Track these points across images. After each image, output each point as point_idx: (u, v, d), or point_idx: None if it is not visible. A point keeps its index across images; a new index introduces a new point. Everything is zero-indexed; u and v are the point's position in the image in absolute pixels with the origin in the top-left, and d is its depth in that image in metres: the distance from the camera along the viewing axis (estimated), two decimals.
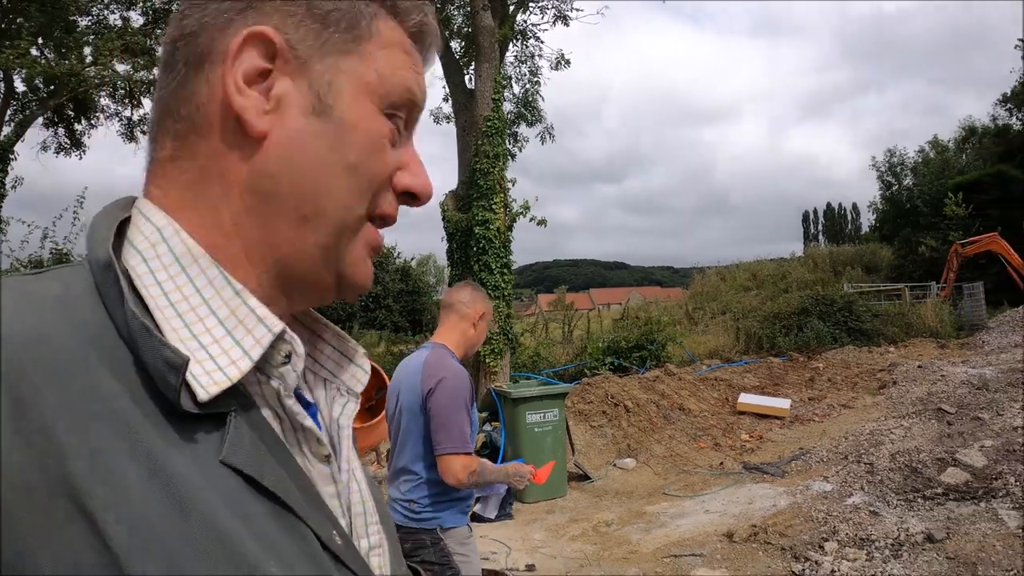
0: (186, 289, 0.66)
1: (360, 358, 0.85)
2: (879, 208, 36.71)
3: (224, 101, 0.69)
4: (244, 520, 0.58)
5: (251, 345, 0.65)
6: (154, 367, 0.58)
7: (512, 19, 14.54)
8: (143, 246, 0.67)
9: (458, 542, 3.34)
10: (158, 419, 0.58)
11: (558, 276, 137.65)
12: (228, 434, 0.61)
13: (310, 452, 0.72)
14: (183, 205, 0.70)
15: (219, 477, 0.59)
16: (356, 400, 0.83)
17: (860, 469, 8.06)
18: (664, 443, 10.59)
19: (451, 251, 13.58)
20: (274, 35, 0.69)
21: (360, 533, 0.78)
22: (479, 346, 3.58)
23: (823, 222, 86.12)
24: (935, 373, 12.81)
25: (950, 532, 5.99)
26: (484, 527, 7.68)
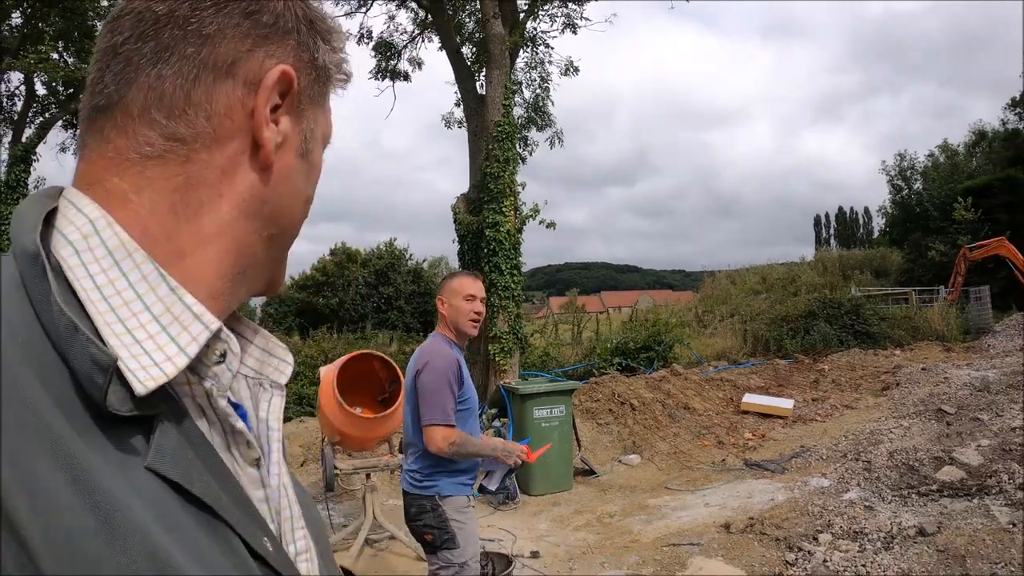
0: (119, 283, 0.64)
1: (282, 351, 0.85)
2: (889, 212, 36.60)
3: (241, 123, 0.72)
4: (171, 530, 0.57)
5: (187, 342, 0.65)
6: (80, 367, 0.57)
7: (522, 27, 14.71)
8: (75, 237, 0.65)
9: (455, 510, 3.76)
10: (84, 424, 0.56)
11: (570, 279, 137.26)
12: (155, 439, 0.60)
13: (239, 455, 0.72)
14: (157, 204, 0.69)
15: (146, 484, 0.57)
16: (282, 394, 0.83)
17: (858, 466, 8.21)
18: (668, 440, 10.79)
19: (462, 253, 13.79)
20: (295, 78, 0.74)
21: (288, 539, 0.77)
22: (463, 321, 3.87)
23: (835, 226, 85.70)
24: (938, 375, 12.94)
25: (942, 526, 6.11)
26: (492, 517, 7.92)
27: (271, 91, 0.72)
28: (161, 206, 0.68)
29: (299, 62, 0.76)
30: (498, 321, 12.81)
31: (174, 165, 0.69)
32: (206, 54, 0.70)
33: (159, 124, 0.69)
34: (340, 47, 0.83)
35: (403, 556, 6.79)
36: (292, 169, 0.77)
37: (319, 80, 0.79)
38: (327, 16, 0.81)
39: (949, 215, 28.55)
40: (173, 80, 0.69)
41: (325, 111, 0.82)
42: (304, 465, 9.92)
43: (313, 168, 0.81)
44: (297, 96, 0.75)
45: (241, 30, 0.71)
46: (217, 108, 0.70)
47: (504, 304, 12.88)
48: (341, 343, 18.41)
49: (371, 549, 6.99)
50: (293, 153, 0.77)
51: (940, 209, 30.07)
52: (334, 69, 0.82)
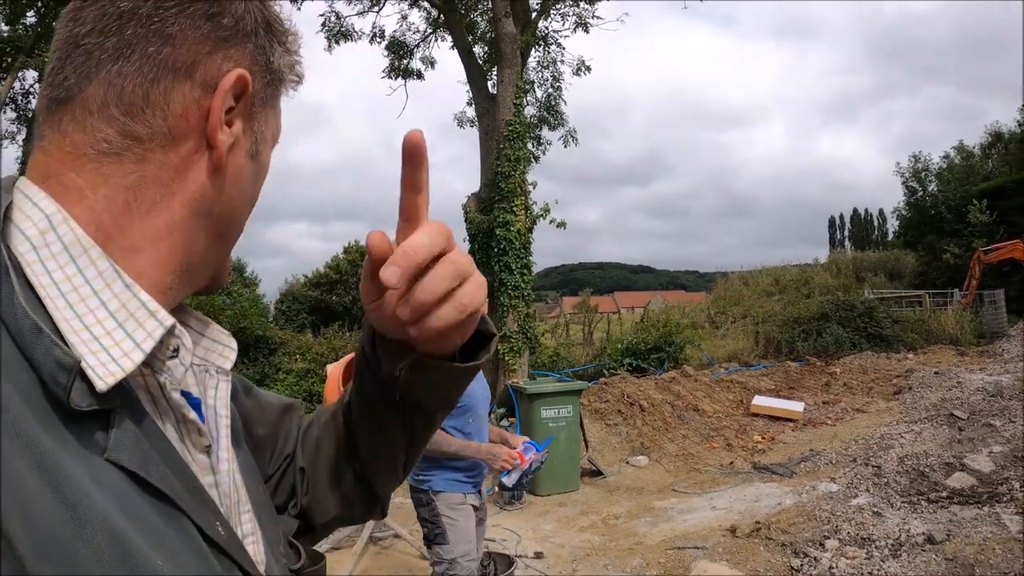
0: (76, 280, 0.65)
1: (225, 338, 0.86)
2: (903, 214, 36.29)
3: (196, 124, 0.72)
4: (133, 518, 0.59)
5: (143, 338, 0.66)
6: (44, 366, 0.58)
7: (534, 26, 14.69)
8: (31, 233, 0.66)
9: (449, 506, 3.82)
10: (46, 418, 0.57)
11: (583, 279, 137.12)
12: (113, 432, 0.62)
13: (191, 443, 0.74)
14: (111, 201, 0.70)
15: (106, 475, 0.59)
16: (227, 379, 0.84)
17: (867, 471, 8.15)
18: (677, 442, 10.74)
19: (472, 252, 13.75)
20: (250, 82, 0.75)
21: (235, 522, 0.79)
22: None
23: (849, 227, 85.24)
24: (951, 379, 12.85)
25: (951, 534, 6.06)
26: (498, 516, 7.90)
27: (227, 94, 0.73)
28: (116, 203, 0.69)
29: (255, 66, 0.77)
30: (508, 320, 12.79)
31: (130, 163, 0.70)
32: (167, 54, 0.71)
33: (117, 121, 0.70)
34: (294, 49, 0.84)
35: (407, 555, 6.78)
36: (242, 170, 0.78)
37: (272, 83, 0.81)
38: (284, 19, 0.83)
39: (964, 217, 28.30)
40: (133, 78, 0.70)
41: (276, 112, 0.84)
42: None
43: (262, 168, 0.83)
44: (251, 99, 0.77)
45: (202, 32, 0.72)
46: (174, 109, 0.71)
47: (514, 304, 12.85)
48: (352, 340, 18.41)
49: (375, 547, 6.98)
50: (244, 154, 0.78)
51: (955, 211, 29.82)
52: (287, 71, 0.83)
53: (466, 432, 3.87)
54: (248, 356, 13.85)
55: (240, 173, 0.78)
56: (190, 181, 0.73)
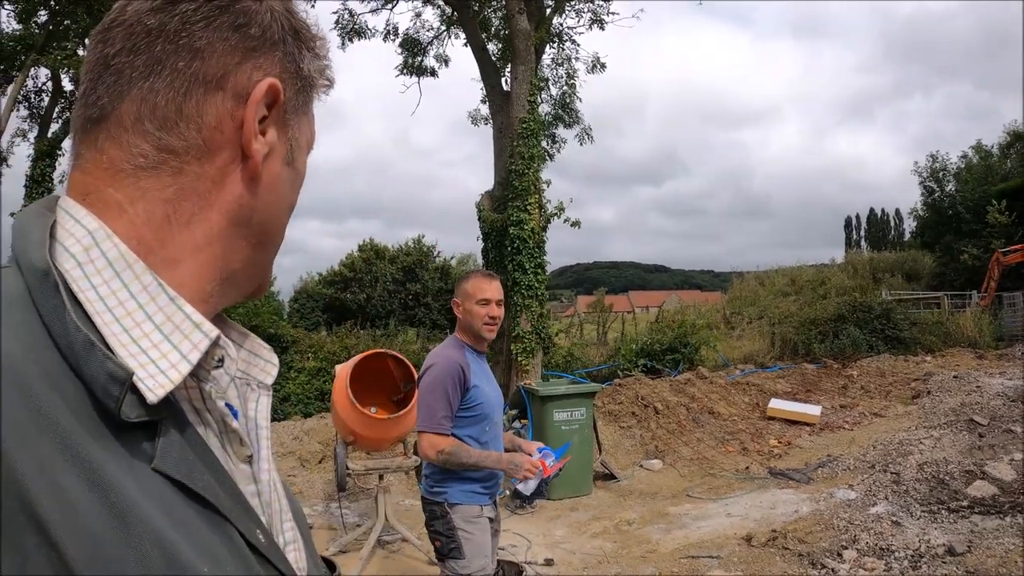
0: (121, 294, 0.67)
1: (267, 353, 0.88)
2: (920, 215, 35.89)
3: (230, 135, 0.73)
4: (179, 525, 0.60)
5: (189, 349, 0.68)
6: (96, 379, 0.60)
7: (548, 22, 14.58)
8: (76, 250, 0.67)
9: (464, 519, 3.62)
10: (95, 430, 0.59)
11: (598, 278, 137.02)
12: (159, 442, 0.63)
13: (233, 453, 0.75)
14: (151, 215, 0.71)
15: (153, 484, 0.61)
16: (268, 394, 0.86)
17: (886, 478, 8.02)
18: (692, 446, 10.61)
19: (486, 251, 13.69)
20: (282, 91, 0.76)
21: (277, 530, 0.81)
22: (478, 324, 3.72)
23: (866, 228, 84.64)
24: (970, 384, 12.66)
25: (972, 546, 5.94)
26: (508, 521, 7.78)
27: (259, 104, 0.74)
28: (155, 216, 0.71)
29: (285, 73, 0.78)
30: (521, 320, 12.68)
31: (167, 176, 0.72)
32: (196, 67, 0.72)
33: (152, 136, 0.71)
34: (324, 54, 0.85)
35: (415, 559, 6.69)
36: (279, 178, 0.79)
37: (304, 89, 0.82)
38: (311, 24, 0.84)
39: (982, 218, 27.91)
40: (165, 93, 0.71)
41: (309, 118, 0.85)
42: (323, 462, 9.86)
43: (298, 175, 0.84)
44: (283, 107, 0.78)
45: (230, 44, 0.73)
46: (208, 121, 0.72)
47: (527, 303, 12.74)
48: (364, 339, 18.37)
49: (383, 551, 6.90)
50: (280, 162, 0.79)
51: (973, 212, 29.45)
52: (318, 76, 0.84)
53: (482, 441, 3.68)
54: None
55: (277, 181, 0.79)
56: (227, 191, 0.74)
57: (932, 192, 33.96)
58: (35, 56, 16.14)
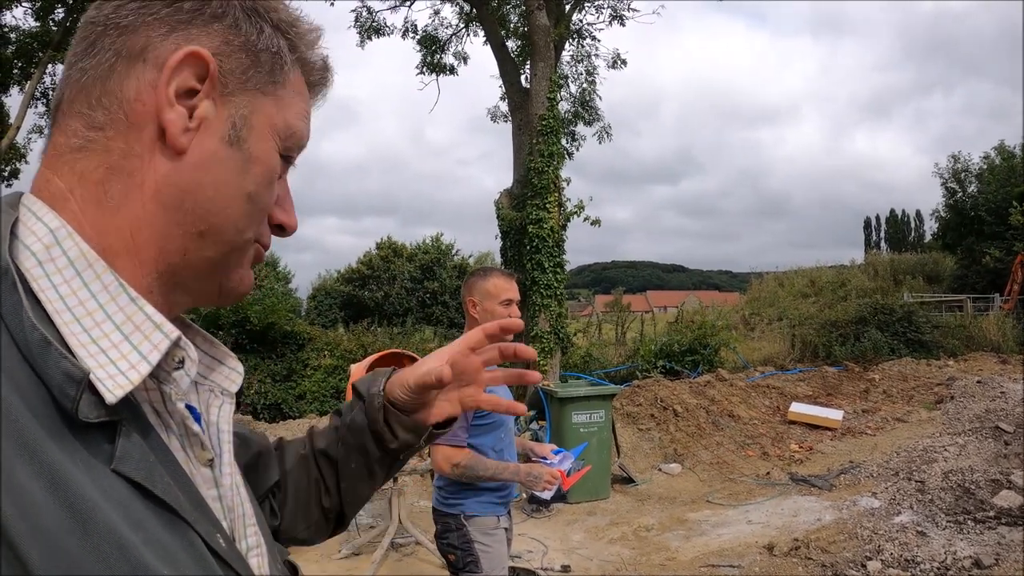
0: (81, 294, 0.66)
1: (231, 360, 0.87)
2: (942, 216, 35.48)
3: (152, 107, 0.71)
4: (138, 527, 0.60)
5: (149, 350, 0.67)
6: (54, 379, 0.59)
7: (568, 18, 14.49)
8: (37, 248, 0.67)
9: (481, 531, 3.46)
10: (54, 429, 0.58)
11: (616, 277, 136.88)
12: (119, 443, 0.63)
13: (194, 456, 0.75)
14: (86, 200, 0.70)
15: (112, 486, 0.60)
16: (231, 401, 0.85)
17: (910, 487, 7.86)
18: (711, 450, 10.47)
19: (505, 249, 13.58)
20: (211, 60, 0.73)
21: (240, 535, 0.80)
22: None
23: (885, 229, 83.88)
24: (995, 389, 12.45)
25: (999, 558, 5.80)
26: (524, 525, 7.71)
27: (173, 71, 0.71)
28: (90, 201, 0.70)
29: (227, 46, 0.75)
30: (539, 320, 12.57)
31: (96, 155, 0.71)
32: (121, 43, 0.72)
33: (83, 115, 0.71)
34: (308, 40, 0.84)
35: (429, 562, 6.60)
36: (214, 157, 0.75)
37: (258, 65, 0.78)
38: (290, 9, 0.82)
39: (1005, 220, 27.54)
40: (93, 71, 0.72)
41: (277, 100, 0.80)
42: None
43: (253, 160, 0.78)
44: (221, 80, 0.74)
45: (158, 18, 0.72)
46: (127, 94, 0.71)
47: (546, 303, 12.63)
48: (381, 337, 18.32)
49: (396, 554, 6.82)
50: (216, 140, 0.75)
51: (995, 214, 29.10)
52: (289, 57, 0.81)
53: (498, 449, 3.52)
54: (276, 352, 13.77)
55: (211, 160, 0.74)
56: (154, 169, 0.72)
57: (954, 193, 33.61)
58: (52, 53, 16.22)
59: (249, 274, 0.83)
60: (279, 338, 13.96)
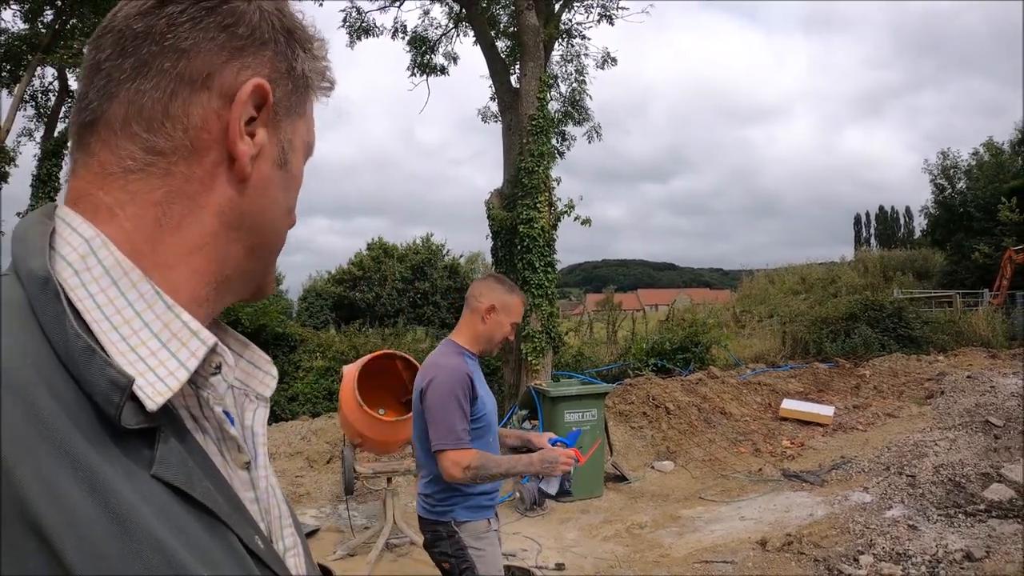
0: (119, 303, 0.67)
1: (267, 365, 0.88)
2: (931, 213, 35.62)
3: (217, 135, 0.73)
4: (178, 531, 0.60)
5: (187, 357, 0.68)
6: (98, 386, 0.60)
7: (557, 18, 14.46)
8: (73, 258, 0.68)
9: (474, 536, 3.37)
10: (93, 437, 0.59)
11: (607, 276, 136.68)
12: (158, 449, 0.63)
13: (231, 460, 0.76)
14: (141, 219, 0.71)
15: (152, 491, 0.60)
16: (266, 405, 0.86)
17: (901, 481, 7.92)
18: (704, 447, 10.51)
19: (496, 249, 13.58)
20: (270, 91, 0.75)
21: (277, 536, 0.82)
22: (498, 339, 3.50)
23: (875, 225, 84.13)
24: (984, 384, 12.51)
25: (990, 551, 5.86)
26: (518, 524, 7.73)
27: (245, 104, 0.73)
28: (145, 219, 0.71)
29: (276, 73, 0.77)
30: (531, 320, 12.58)
31: (155, 178, 0.71)
32: (182, 67, 0.72)
33: (140, 138, 0.71)
34: (322, 55, 0.84)
35: (423, 562, 6.59)
36: (270, 180, 0.78)
37: (297, 90, 0.80)
38: (307, 26, 0.83)
39: (994, 216, 27.68)
40: (151, 94, 0.71)
41: (306, 119, 0.84)
42: (330, 463, 9.80)
43: (293, 179, 0.82)
44: (273, 107, 0.77)
45: (216, 43, 0.73)
46: (193, 121, 0.72)
47: (538, 302, 12.63)
48: (373, 338, 18.31)
49: (391, 554, 6.83)
50: (270, 164, 0.78)
51: (984, 210, 29.25)
52: (315, 77, 0.83)
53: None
54: (267, 354, 13.74)
55: (268, 184, 0.78)
56: (217, 193, 0.74)
57: (943, 190, 33.74)
58: (41, 55, 16.16)
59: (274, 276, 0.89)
60: (270, 340, 13.96)
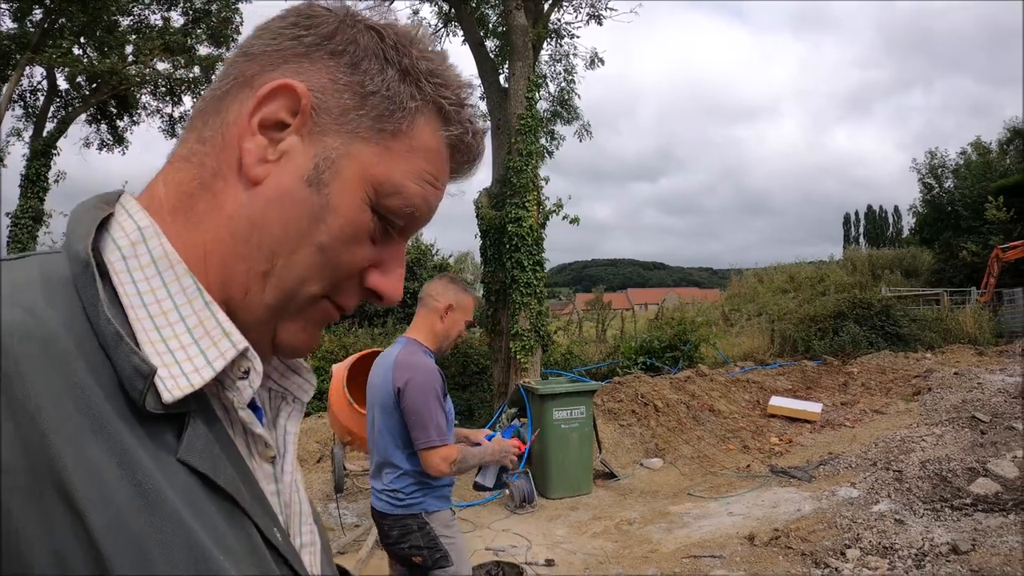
0: (159, 293, 0.68)
1: (307, 372, 0.86)
2: (919, 211, 35.82)
3: (240, 133, 0.72)
4: (198, 515, 0.61)
5: (215, 356, 0.67)
6: (124, 371, 0.61)
7: (546, 18, 14.49)
8: (123, 243, 0.69)
9: (443, 524, 3.50)
10: (124, 415, 0.60)
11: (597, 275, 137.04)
12: (186, 434, 0.64)
13: (257, 453, 0.75)
14: (176, 210, 0.72)
15: (175, 474, 0.61)
16: (302, 408, 0.86)
17: (888, 476, 7.97)
18: (692, 444, 10.56)
19: (484, 248, 13.61)
20: (304, 94, 0.72)
21: (295, 531, 0.81)
22: (453, 337, 3.65)
23: (864, 224, 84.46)
24: (971, 380, 12.61)
25: (976, 544, 5.90)
26: (508, 521, 7.76)
27: (261, 101, 0.72)
28: (179, 211, 0.72)
29: (333, 84, 0.73)
30: (519, 318, 12.61)
31: (193, 168, 0.73)
32: (242, 69, 0.74)
33: (197, 130, 0.74)
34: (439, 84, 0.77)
35: None
36: (290, 195, 0.72)
37: (364, 107, 0.74)
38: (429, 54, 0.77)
39: (981, 214, 27.85)
40: (215, 91, 0.75)
41: (383, 150, 0.74)
42: (320, 462, 9.80)
43: (330, 209, 0.72)
44: (314, 117, 0.73)
45: (278, 49, 0.74)
46: (227, 116, 0.73)
47: (526, 301, 12.66)
48: (363, 337, 18.30)
49: (381, 551, 6.83)
50: (295, 177, 0.72)
51: (971, 208, 29.43)
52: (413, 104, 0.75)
53: None
54: None
55: (284, 197, 0.72)
56: (231, 195, 0.72)
57: (931, 189, 33.96)
58: (30, 55, 16.11)
59: (309, 333, 0.78)
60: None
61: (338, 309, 0.78)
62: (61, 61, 15.78)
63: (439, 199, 0.81)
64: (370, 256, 0.77)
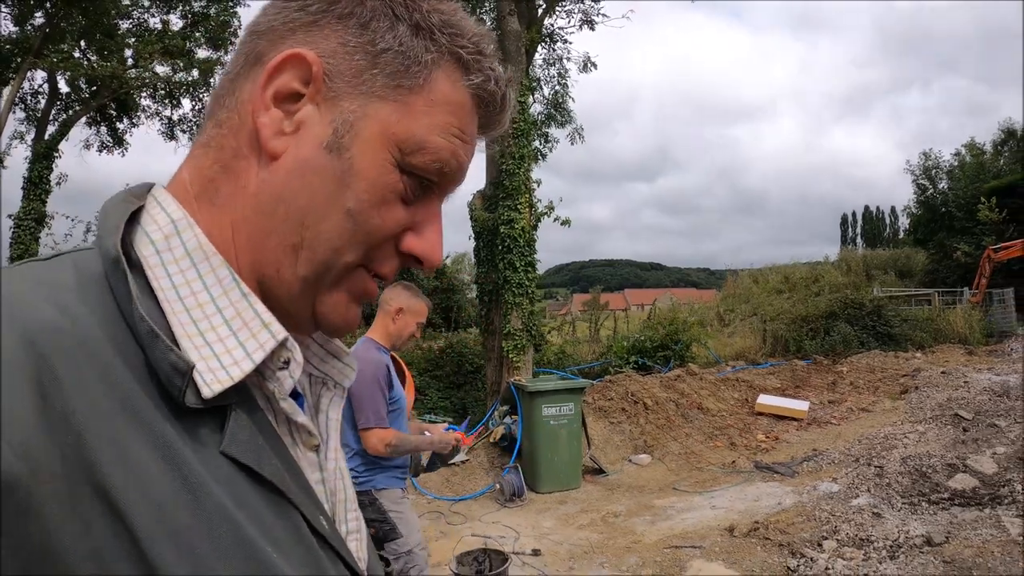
0: (195, 285, 0.67)
1: (348, 357, 0.87)
2: (913, 212, 35.91)
3: (255, 109, 0.71)
4: (243, 507, 0.61)
5: (254, 348, 0.67)
6: (161, 368, 0.60)
7: (539, 23, 14.64)
8: (157, 236, 0.68)
9: (392, 501, 3.97)
10: (164, 410, 0.59)
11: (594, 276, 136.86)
12: (228, 427, 0.64)
13: (301, 442, 0.75)
14: (201, 196, 0.72)
15: (219, 466, 0.61)
16: (343, 395, 0.86)
17: (870, 472, 8.11)
18: (680, 441, 10.73)
19: (478, 249, 13.74)
20: (314, 61, 0.70)
21: (340, 518, 0.81)
22: (406, 336, 4.11)
23: (861, 225, 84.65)
24: (958, 379, 12.76)
25: (950, 536, 6.02)
26: (498, 513, 7.93)
27: (271, 74, 0.71)
28: (203, 198, 0.72)
29: (343, 47, 0.71)
30: (512, 318, 12.76)
31: (213, 152, 0.72)
32: (252, 46, 0.73)
33: (214, 115, 0.74)
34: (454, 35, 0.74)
35: None
36: (311, 164, 0.70)
37: (377, 66, 0.71)
38: (442, 7, 0.75)
39: (974, 215, 27.97)
40: (228, 73, 0.75)
41: (401, 107, 0.72)
42: None
43: (354, 173, 0.70)
44: (327, 82, 0.71)
45: (285, 21, 0.73)
46: (241, 96, 0.72)
47: (518, 301, 12.80)
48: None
49: None
50: (315, 146, 0.70)
51: (965, 209, 29.49)
52: (429, 57, 0.73)
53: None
54: None
55: (305, 168, 0.70)
56: (253, 173, 0.71)
57: (925, 190, 33.98)
58: (31, 58, 16.21)
59: (351, 308, 0.77)
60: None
61: (376, 278, 0.77)
62: (63, 65, 15.89)
63: (469, 154, 0.78)
64: (403, 219, 0.74)
